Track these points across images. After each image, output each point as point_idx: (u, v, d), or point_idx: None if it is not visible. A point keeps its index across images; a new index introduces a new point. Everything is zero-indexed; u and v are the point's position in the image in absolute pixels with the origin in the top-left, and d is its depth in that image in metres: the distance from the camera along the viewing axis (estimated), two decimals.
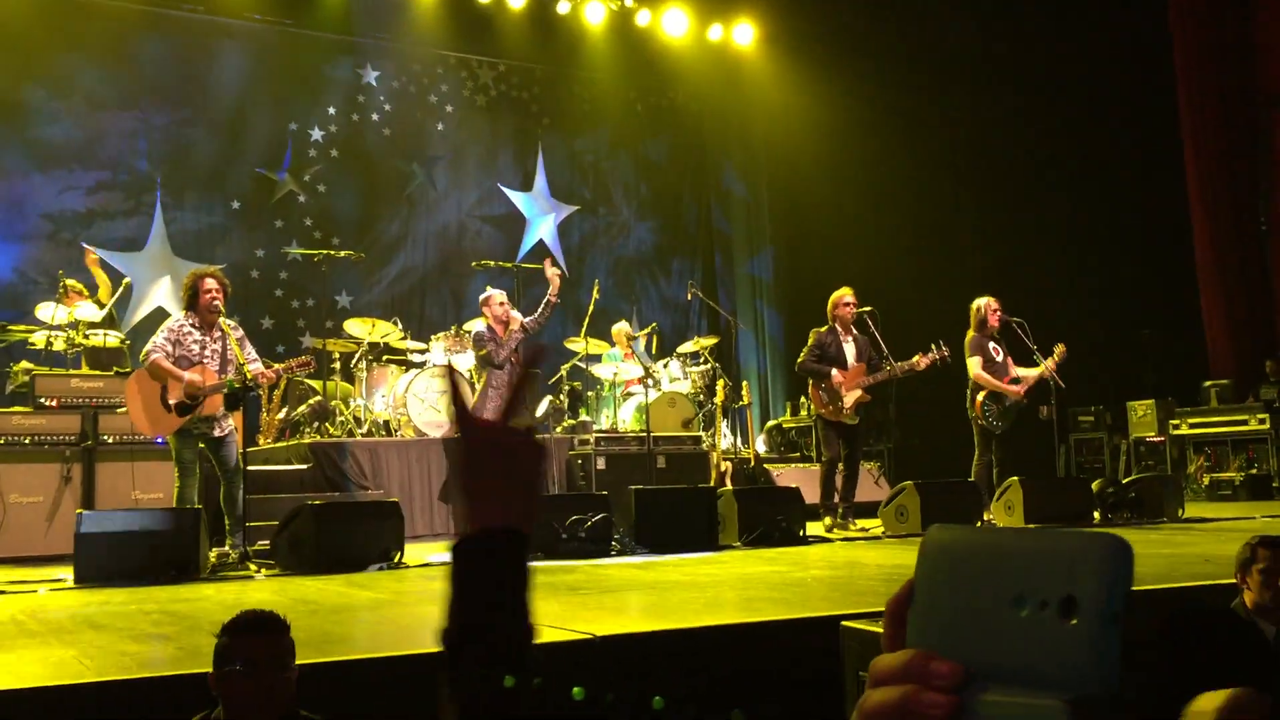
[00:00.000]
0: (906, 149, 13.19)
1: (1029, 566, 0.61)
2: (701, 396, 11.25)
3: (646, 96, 15.59)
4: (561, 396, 11.11)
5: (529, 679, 0.98)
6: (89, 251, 10.24)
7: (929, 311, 10.78)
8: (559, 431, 10.53)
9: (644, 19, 14.28)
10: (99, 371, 8.76)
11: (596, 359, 11.52)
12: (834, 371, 8.66)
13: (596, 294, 10.88)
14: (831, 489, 8.70)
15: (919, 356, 8.70)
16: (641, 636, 3.55)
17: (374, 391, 10.28)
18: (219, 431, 7.08)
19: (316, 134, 13.38)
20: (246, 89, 12.99)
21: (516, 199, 14.64)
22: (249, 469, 7.44)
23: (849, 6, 13.66)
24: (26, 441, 8.03)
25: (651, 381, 10.69)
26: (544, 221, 14.79)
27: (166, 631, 4.33)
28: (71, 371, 8.74)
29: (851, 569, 5.90)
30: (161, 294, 12.18)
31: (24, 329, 9.42)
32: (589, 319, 10.96)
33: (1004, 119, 12.97)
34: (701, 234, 15.84)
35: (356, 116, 13.66)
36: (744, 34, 14.76)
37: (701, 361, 11.71)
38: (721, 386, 10.95)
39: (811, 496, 8.82)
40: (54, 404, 8.21)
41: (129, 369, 8.48)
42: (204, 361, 6.99)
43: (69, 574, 6.14)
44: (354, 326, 10.70)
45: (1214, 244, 12.36)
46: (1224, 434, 11.21)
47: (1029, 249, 12.69)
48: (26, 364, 8.93)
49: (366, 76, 13.77)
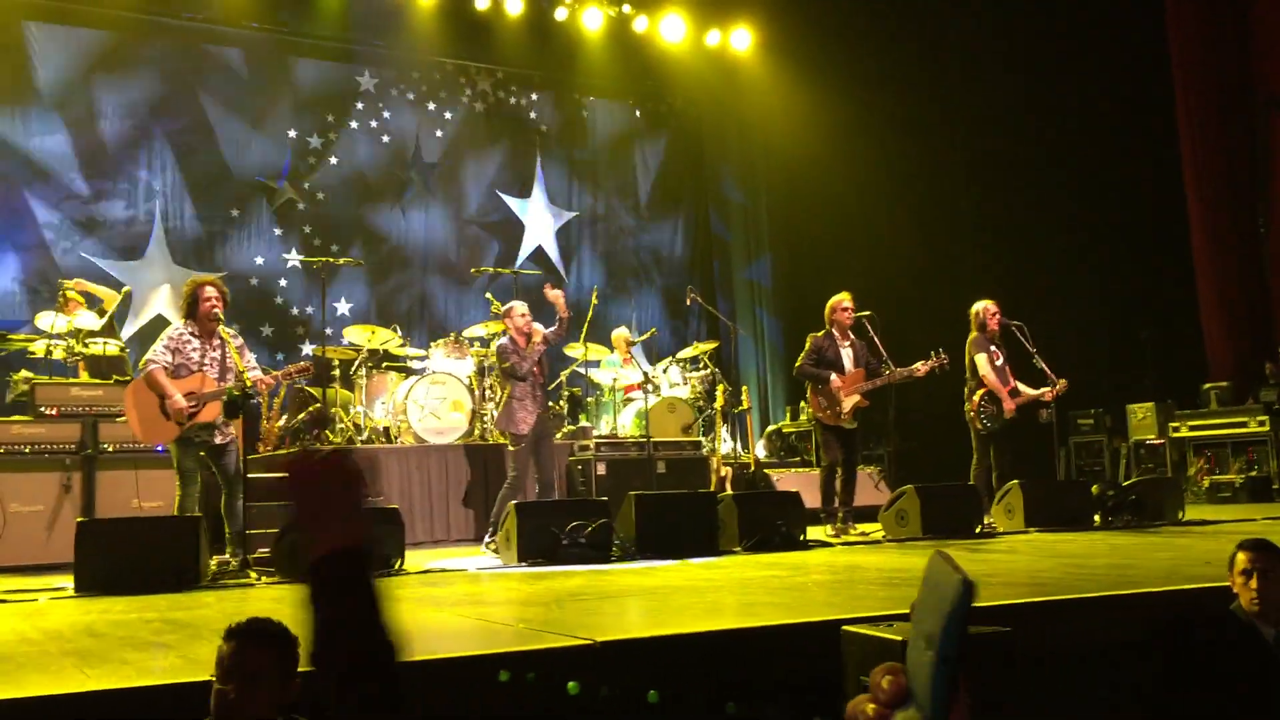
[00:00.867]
0: (904, 154, 13.21)
1: (930, 600, 0.71)
2: (701, 402, 11.26)
3: (644, 102, 15.61)
4: (561, 402, 11.12)
5: (391, 689, 1.02)
6: (77, 284, 10.00)
7: (928, 316, 10.80)
8: (559, 437, 10.53)
9: (641, 25, 14.31)
10: (99, 380, 8.76)
11: (596, 365, 11.53)
12: (833, 376, 8.66)
13: (595, 300, 10.88)
14: (831, 493, 8.70)
15: (919, 363, 8.71)
16: (642, 642, 3.55)
17: (374, 399, 10.29)
18: (219, 439, 7.08)
19: (315, 141, 13.39)
20: (245, 97, 13.01)
21: (515, 205, 14.66)
22: (249, 476, 7.44)
23: (846, 12, 13.68)
24: (26, 450, 8.03)
25: (651, 387, 10.70)
26: (542, 228, 14.80)
27: (167, 640, 4.33)
28: (71, 380, 8.75)
29: (852, 573, 5.89)
30: (161, 302, 12.18)
31: (24, 338, 9.42)
32: (588, 325, 10.96)
33: (1002, 122, 12.99)
34: (700, 239, 15.85)
35: (355, 124, 13.68)
36: (741, 39, 14.78)
37: (701, 367, 11.72)
38: (721, 391, 10.96)
39: (812, 501, 8.83)
40: (54, 413, 8.22)
41: (129, 377, 8.48)
42: (204, 369, 7.00)
43: (69, 582, 6.14)
44: (354, 333, 10.71)
45: (1212, 246, 12.37)
46: (1224, 436, 11.21)
47: (1028, 252, 12.70)
48: (27, 373, 8.93)
49: (365, 84, 13.79)
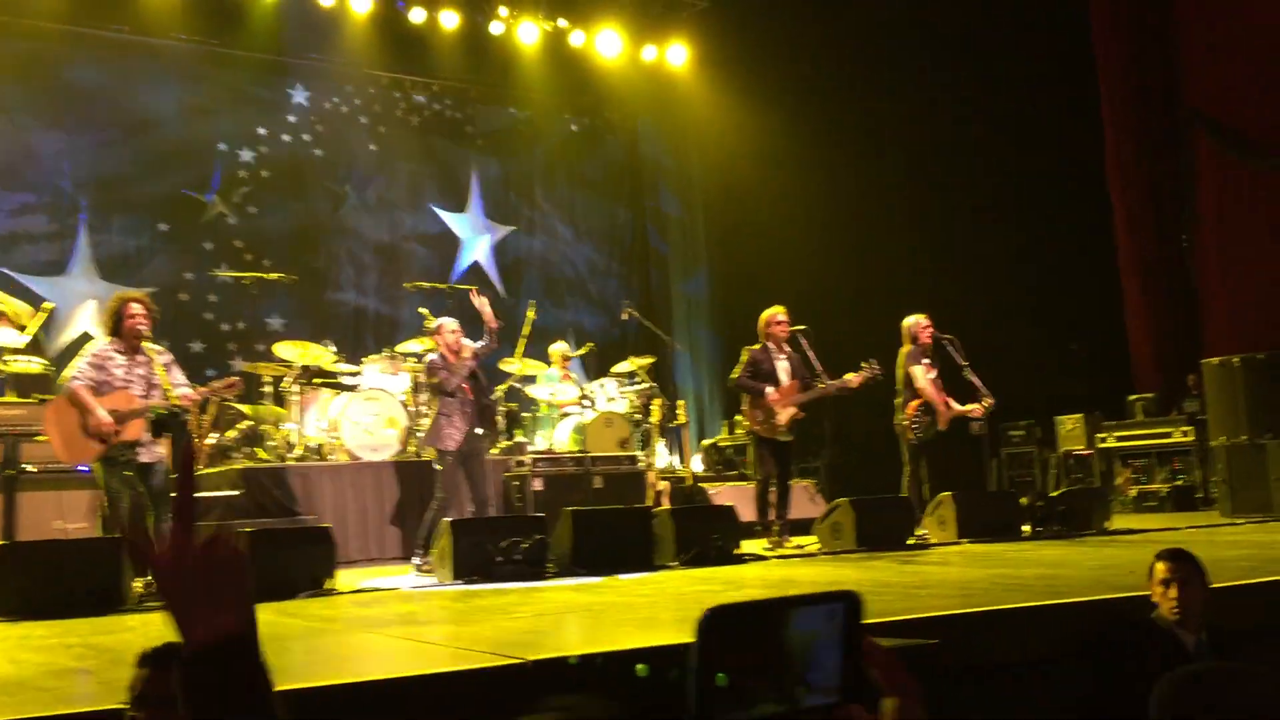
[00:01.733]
0: (838, 167, 13.35)
1: None
2: (638, 416, 11.26)
3: (581, 117, 15.63)
4: (498, 418, 11.06)
5: None
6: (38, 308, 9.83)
7: (862, 330, 10.89)
8: (495, 453, 10.47)
9: (578, 40, 14.34)
10: (20, 399, 8.55)
11: (532, 380, 11.49)
12: (768, 389, 8.71)
13: (532, 314, 10.84)
14: (767, 507, 8.73)
15: (850, 375, 8.79)
16: (574, 660, 3.52)
17: (306, 415, 10.15)
18: (146, 458, 6.93)
19: (246, 155, 13.21)
20: (174, 110, 12.81)
21: (450, 220, 14.58)
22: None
23: (781, 28, 13.82)
24: None
25: (588, 402, 10.68)
26: (479, 242, 14.73)
27: (89, 665, 4.23)
28: None
29: (785, 587, 5.92)
30: (86, 318, 11.93)
31: None
32: (525, 340, 10.92)
33: (932, 137, 13.19)
34: (638, 254, 15.88)
35: (287, 137, 13.52)
36: (677, 55, 14.87)
37: (638, 381, 11.73)
38: (658, 406, 10.97)
39: (748, 514, 8.86)
40: None
41: (52, 395, 8.29)
42: (128, 386, 6.85)
43: None
44: (285, 349, 10.55)
45: (1138, 259, 12.66)
46: (1149, 446, 11.45)
47: (960, 266, 12.89)
48: None
49: (297, 97, 13.64)
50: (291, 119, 13.57)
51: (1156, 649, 3.55)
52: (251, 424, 10.20)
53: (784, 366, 8.89)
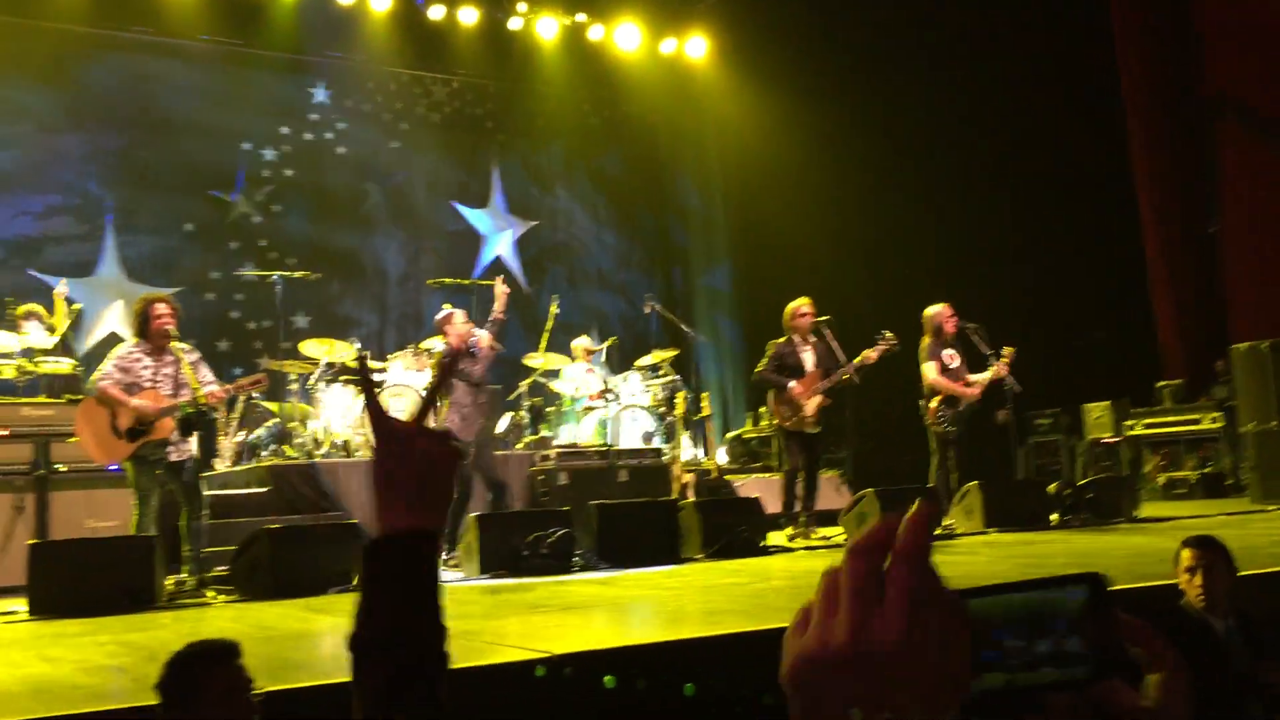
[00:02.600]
0: (860, 159, 13.29)
1: None
2: (662, 409, 11.26)
3: (601, 110, 15.62)
4: (522, 412, 11.09)
5: (437, 687, 0.99)
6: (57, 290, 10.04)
7: (886, 320, 10.84)
8: (520, 447, 10.50)
9: (597, 34, 14.33)
10: (50, 399, 8.64)
11: (556, 374, 11.51)
12: (791, 383, 8.70)
13: (555, 309, 10.87)
14: (793, 499, 8.73)
15: (868, 350, 8.79)
16: (600, 654, 3.54)
17: (333, 412, 10.21)
18: (175, 456, 7.00)
19: (269, 154, 13.29)
20: (197, 110, 12.89)
21: (472, 216, 14.62)
22: (207, 493, 7.36)
23: (800, 19, 13.76)
24: None
25: (612, 395, 10.69)
26: (501, 238, 14.77)
27: (122, 663, 4.27)
28: (22, 400, 8.61)
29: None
30: (114, 319, 12.04)
31: None
32: (548, 334, 10.94)
33: (956, 127, 13.10)
34: (659, 247, 15.88)
35: (310, 136, 13.59)
36: (697, 47, 14.84)
37: (662, 374, 11.73)
38: (682, 399, 10.97)
39: (774, 507, 8.86)
40: (5, 433, 8.09)
41: (82, 396, 8.37)
42: (156, 386, 6.91)
43: (23, 606, 6.04)
44: (311, 347, 10.62)
45: (1164, 246, 12.54)
46: (1178, 433, 11.36)
47: (984, 255, 12.81)
48: None
49: (319, 95, 13.71)
50: (314, 117, 13.64)
51: (1187, 636, 3.53)
52: (278, 421, 10.28)
53: (809, 358, 8.88)
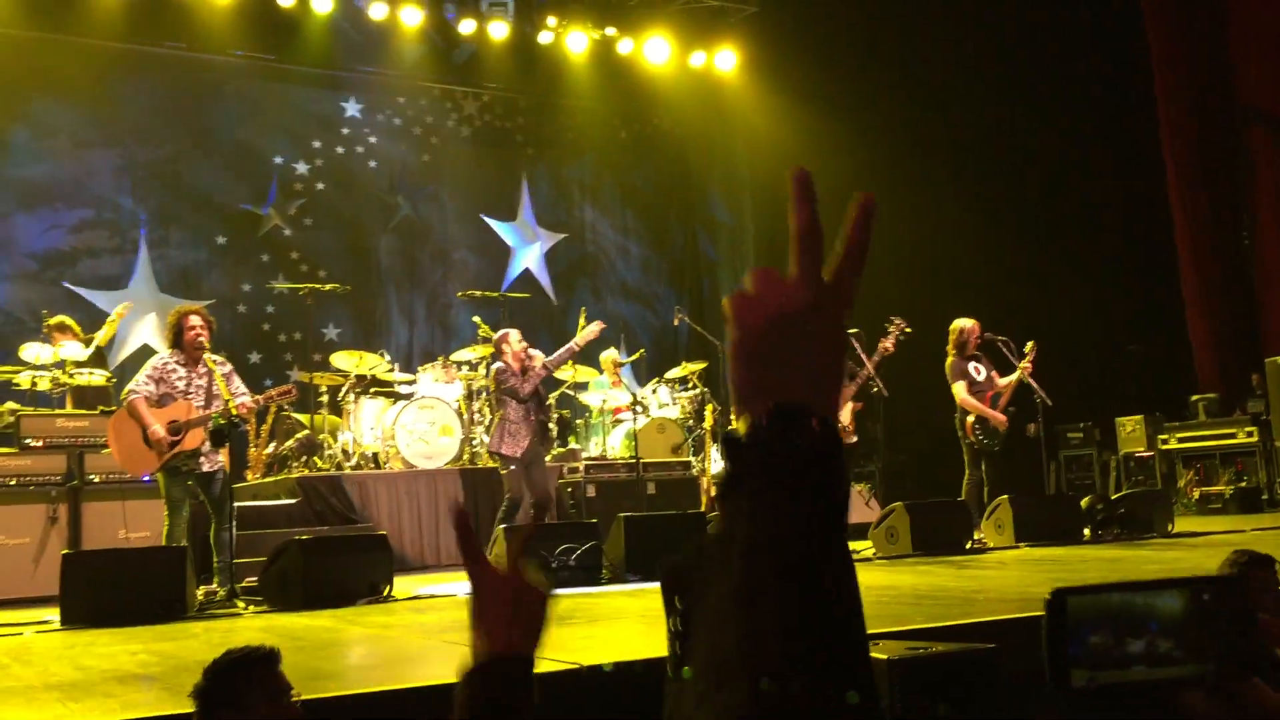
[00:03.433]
0: (891, 172, 13.24)
1: None
2: (691, 422, 11.25)
3: (631, 124, 15.65)
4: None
5: None
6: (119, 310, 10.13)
7: (917, 332, 10.80)
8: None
9: (626, 47, 14.36)
10: (84, 411, 8.73)
11: (584, 386, 11.52)
12: None
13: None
14: None
15: (882, 342, 8.76)
16: (628, 665, 3.52)
17: (362, 424, 10.26)
18: (207, 467, 7.06)
19: (301, 168, 13.40)
20: (230, 124, 13.02)
21: (501, 229, 14.68)
22: (237, 504, 7.40)
23: (831, 33, 13.74)
24: (12, 483, 7.99)
25: (640, 408, 10.69)
26: (530, 250, 14.82)
27: (154, 672, 4.30)
28: (57, 411, 8.71)
29: None
30: (147, 331, 12.15)
31: (9, 369, 9.38)
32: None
33: (988, 139, 13.05)
34: (688, 260, 15.88)
35: (341, 150, 13.70)
36: (726, 60, 14.84)
37: (690, 387, 11.72)
38: (710, 411, 10.95)
39: None
40: (40, 444, 8.18)
41: (115, 407, 8.45)
42: (189, 397, 6.97)
43: (55, 615, 6.09)
44: (341, 359, 10.69)
45: (1197, 259, 12.43)
46: (1212, 448, 11.23)
47: (1016, 268, 12.75)
48: (12, 405, 8.90)
49: (350, 110, 13.82)
50: (345, 131, 13.75)
51: None
52: (308, 433, 10.33)
53: None
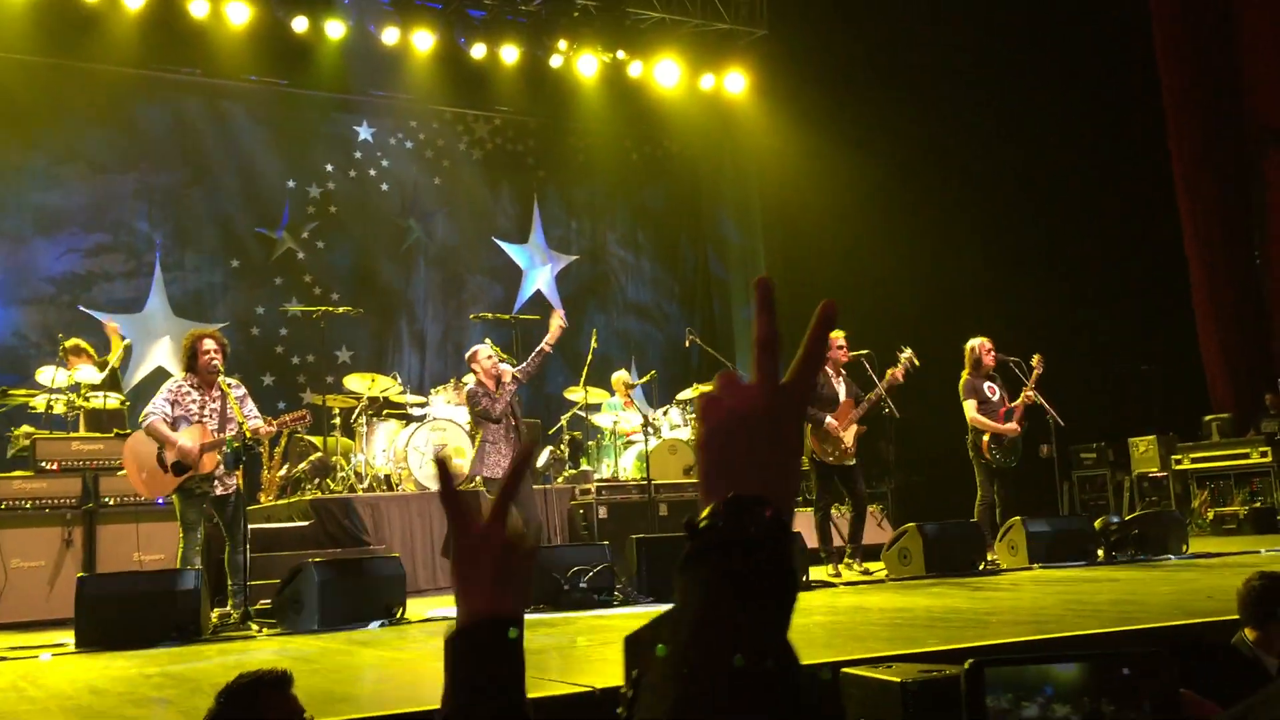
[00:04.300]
0: (901, 193, 13.28)
1: None
2: None
3: (641, 146, 15.72)
4: (562, 446, 11.12)
5: None
6: (109, 323, 10.36)
7: (930, 354, 10.80)
8: (560, 481, 10.53)
9: (636, 70, 14.44)
10: (99, 434, 8.78)
11: (596, 408, 11.54)
12: (828, 418, 8.67)
13: (595, 343, 10.90)
14: (830, 533, 8.69)
15: (892, 370, 8.75)
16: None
17: (375, 446, 10.29)
18: (221, 490, 7.09)
19: (314, 191, 13.49)
20: (244, 149, 13.13)
21: (513, 251, 14.74)
22: (251, 527, 7.43)
23: (840, 55, 13.80)
24: (28, 505, 8.03)
25: (652, 429, 10.70)
26: (541, 272, 14.87)
27: (168, 695, 4.31)
28: (72, 434, 8.76)
29: (854, 614, 5.87)
30: (162, 354, 12.22)
31: (25, 393, 9.45)
32: (588, 368, 10.98)
33: (1000, 161, 13.06)
34: (699, 281, 15.92)
35: (354, 173, 13.78)
36: (736, 83, 14.91)
37: None
38: None
39: (815, 541, 8.80)
40: (54, 467, 8.23)
41: (129, 430, 8.50)
42: (203, 420, 7.02)
43: (71, 638, 6.12)
44: (354, 381, 10.73)
45: (1210, 278, 12.41)
46: (1226, 468, 11.18)
47: (1029, 288, 12.74)
48: (28, 428, 8.95)
49: (363, 133, 13.91)
50: (358, 155, 13.84)
51: (1238, 676, 3.47)
52: (321, 455, 10.37)
53: (842, 389, 8.87)
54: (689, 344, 12.31)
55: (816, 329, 0.97)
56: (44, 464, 8.21)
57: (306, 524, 9.19)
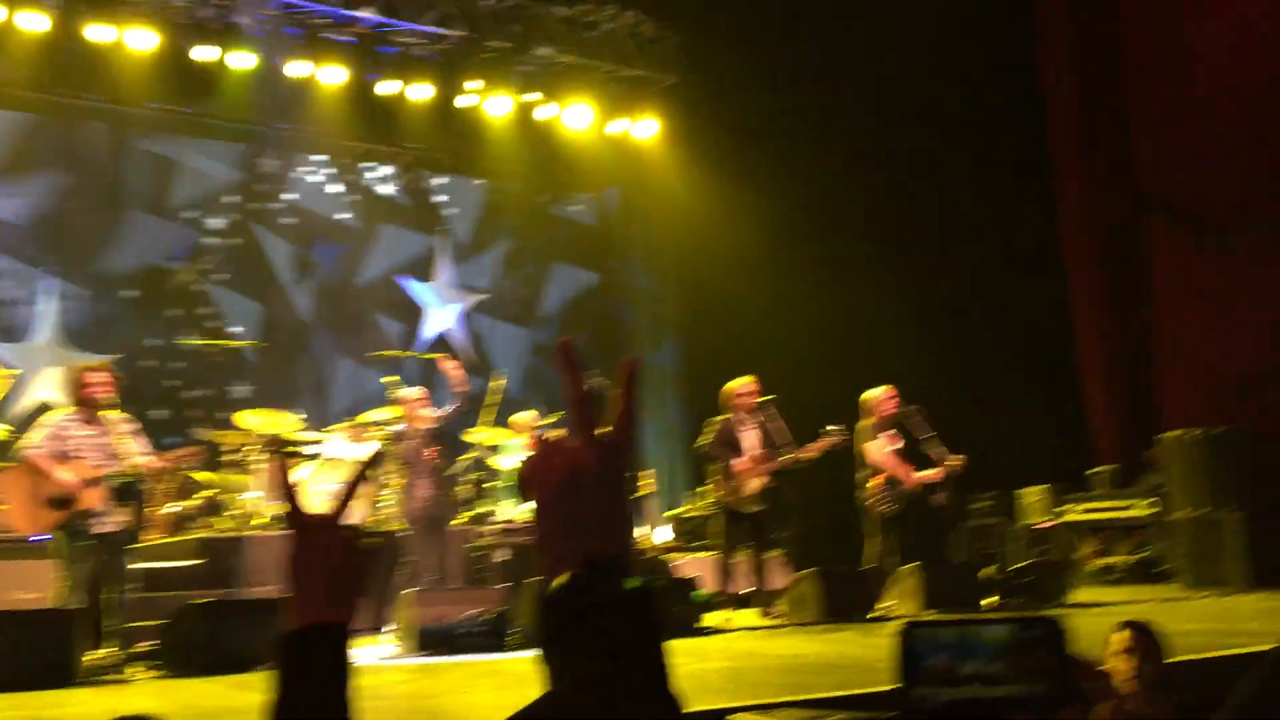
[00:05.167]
0: (808, 243, 13.52)
1: None
2: None
3: (551, 188, 15.74)
4: (463, 488, 10.99)
5: None
6: None
7: (832, 402, 10.96)
8: (458, 524, 10.40)
9: (548, 112, 14.49)
10: None
11: (496, 449, 11.45)
12: (734, 460, 8.74)
13: (499, 383, 10.85)
14: (730, 578, 8.72)
15: (812, 444, 8.86)
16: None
17: (268, 484, 10.06)
18: (104, 528, 6.85)
19: (215, 223, 13.23)
20: (143, 176, 12.84)
21: (417, 289, 14.62)
22: (136, 566, 7.19)
23: (752, 105, 14.05)
24: None
25: None
26: (446, 311, 14.77)
27: None
28: None
29: (749, 659, 5.89)
30: (48, 386, 11.82)
31: None
32: (492, 409, 10.91)
33: (903, 217, 13.42)
34: (606, 325, 15.94)
35: (256, 205, 13.56)
36: (647, 128, 15.05)
37: None
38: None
39: (715, 586, 8.83)
40: None
41: (8, 464, 8.18)
42: (84, 456, 6.78)
43: None
44: (248, 418, 10.50)
45: (1097, 335, 12.85)
46: (1111, 519, 11.50)
47: (929, 340, 13.04)
48: None
49: (268, 166, 13.71)
50: (262, 187, 13.63)
51: None
52: (212, 493, 10.11)
53: (750, 437, 8.94)
54: (593, 387, 12.32)
55: (625, 384, 1.02)
56: None
57: (195, 563, 8.94)
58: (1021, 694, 1.28)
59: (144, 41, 11.84)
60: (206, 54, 12.28)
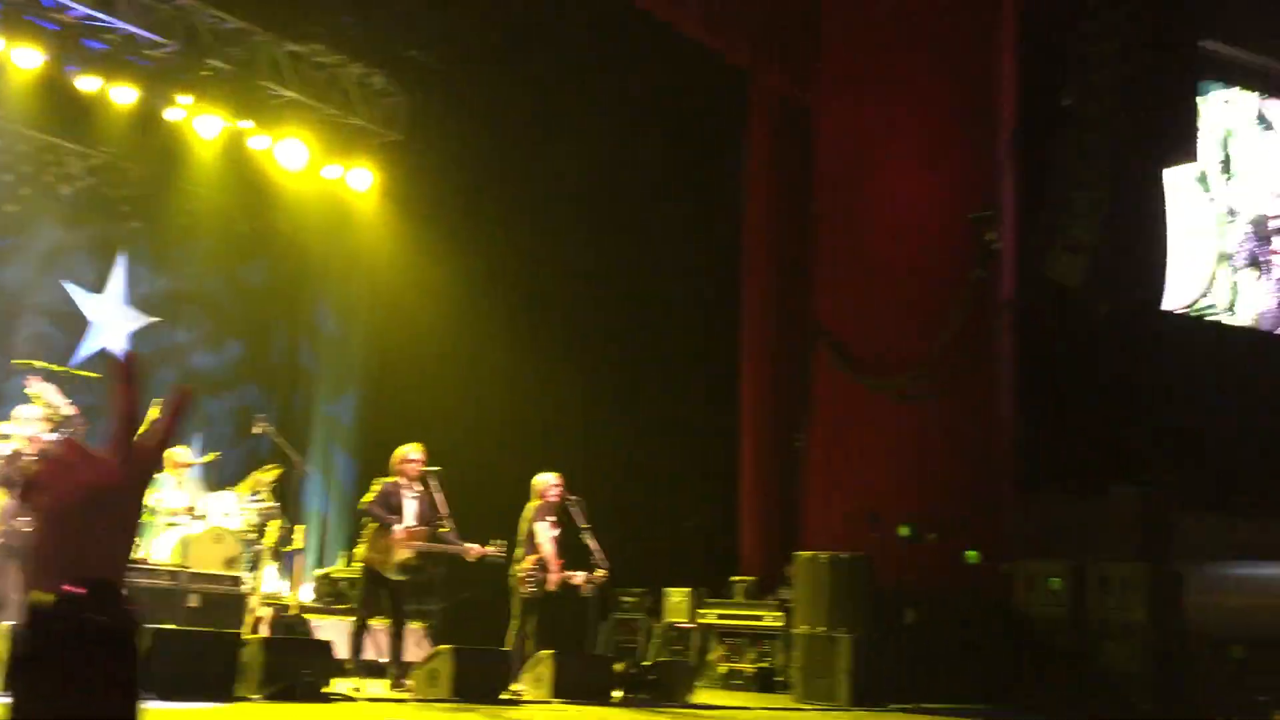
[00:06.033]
0: (505, 320, 13.69)
1: None
2: (253, 535, 10.75)
3: (252, 219, 15.15)
4: None
5: None
6: None
7: (498, 479, 11.05)
8: None
9: (261, 143, 14.00)
10: None
11: None
12: (398, 526, 8.64)
13: (155, 414, 10.23)
14: (360, 646, 8.55)
15: (472, 546, 8.93)
16: None
17: None
18: None
19: None
20: None
21: (84, 299, 13.64)
22: None
23: (469, 176, 14.20)
24: None
25: (199, 513, 10.11)
26: (114, 328, 13.84)
27: None
28: None
29: None
30: None
31: None
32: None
33: (586, 309, 13.91)
34: (285, 367, 15.43)
35: None
36: (361, 179, 14.82)
37: (260, 499, 11.22)
38: (275, 527, 10.55)
39: (344, 652, 8.61)
40: None
41: None
42: None
43: None
44: None
45: (756, 452, 13.65)
46: (744, 627, 12.14)
47: (598, 427, 13.43)
48: None
49: None
50: None
51: None
52: None
53: (412, 505, 8.87)
54: (258, 431, 11.87)
55: (173, 410, 1.03)
56: None
57: None
58: None
59: None
60: None
